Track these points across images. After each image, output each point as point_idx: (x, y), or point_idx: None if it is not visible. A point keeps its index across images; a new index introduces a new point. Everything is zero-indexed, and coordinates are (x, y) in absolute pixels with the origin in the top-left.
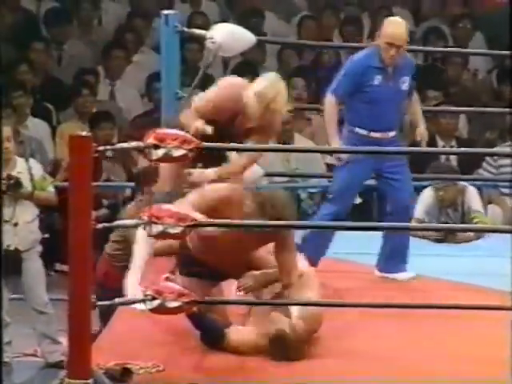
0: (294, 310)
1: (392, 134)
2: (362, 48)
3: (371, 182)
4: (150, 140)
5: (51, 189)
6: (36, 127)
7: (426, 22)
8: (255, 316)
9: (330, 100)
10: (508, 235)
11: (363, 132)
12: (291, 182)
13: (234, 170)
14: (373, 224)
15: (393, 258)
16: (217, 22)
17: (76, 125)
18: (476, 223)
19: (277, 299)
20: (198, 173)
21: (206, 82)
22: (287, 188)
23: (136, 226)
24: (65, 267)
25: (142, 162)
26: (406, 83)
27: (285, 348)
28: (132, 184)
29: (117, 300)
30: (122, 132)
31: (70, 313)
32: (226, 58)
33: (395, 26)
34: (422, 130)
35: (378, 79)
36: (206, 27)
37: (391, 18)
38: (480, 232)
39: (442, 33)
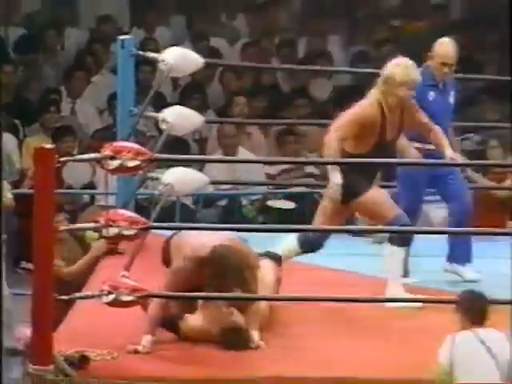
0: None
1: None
2: (297, 70)
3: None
4: (107, 152)
5: (9, 195)
6: (4, 141)
7: (354, 47)
8: (205, 308)
9: None
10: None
11: (420, 146)
12: (234, 190)
13: None
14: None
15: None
16: (168, 46)
17: (40, 138)
18: None
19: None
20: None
21: (157, 100)
22: (231, 195)
23: (94, 229)
24: (30, 265)
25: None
26: (452, 97)
27: (237, 339)
28: (91, 191)
29: (77, 294)
30: (82, 145)
31: (33, 306)
32: (175, 78)
33: (447, 47)
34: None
35: (431, 95)
36: (158, 51)
37: (442, 40)
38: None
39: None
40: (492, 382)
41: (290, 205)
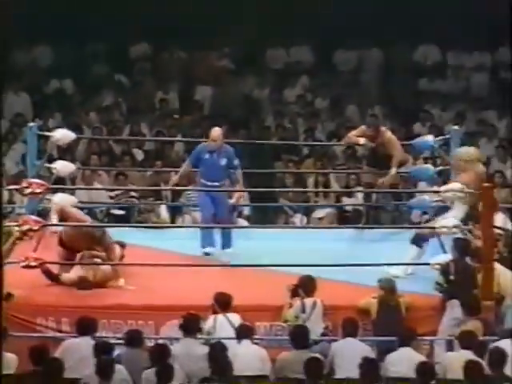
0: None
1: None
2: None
3: None
4: (24, 184)
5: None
6: None
7: None
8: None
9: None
10: None
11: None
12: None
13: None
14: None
15: None
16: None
17: None
18: None
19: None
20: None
21: (50, 159)
22: (90, 208)
23: (16, 226)
24: None
25: (18, 196)
26: (223, 160)
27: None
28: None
29: (7, 261)
30: (7, 181)
31: None
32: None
33: (213, 132)
34: None
35: (206, 156)
36: (50, 130)
37: (213, 129)
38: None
39: None
40: None
41: (121, 212)
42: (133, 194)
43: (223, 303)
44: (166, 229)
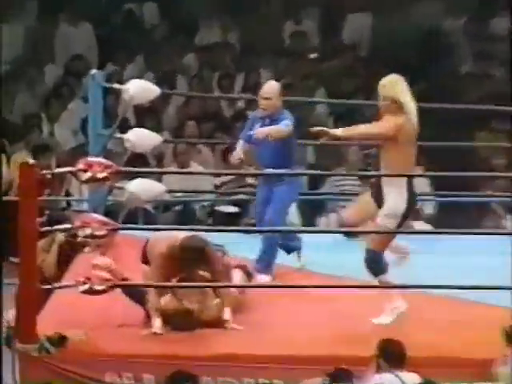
0: None
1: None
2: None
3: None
4: (80, 166)
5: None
6: None
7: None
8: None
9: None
10: None
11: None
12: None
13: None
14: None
15: None
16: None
17: (25, 155)
18: None
19: None
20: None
21: (122, 123)
22: (185, 201)
23: (70, 230)
24: (16, 259)
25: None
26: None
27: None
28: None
29: (56, 284)
30: (59, 160)
31: (20, 294)
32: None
33: (269, 87)
34: None
35: (256, 127)
36: (122, 83)
37: (269, 81)
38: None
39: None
40: None
41: (234, 209)
42: (250, 180)
43: (392, 355)
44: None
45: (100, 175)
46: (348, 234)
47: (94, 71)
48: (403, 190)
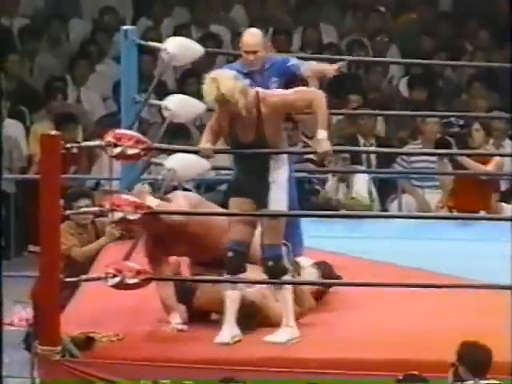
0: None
1: None
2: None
3: None
4: (109, 138)
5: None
6: (12, 127)
7: (348, 36)
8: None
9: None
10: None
11: None
12: None
13: None
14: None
15: None
16: (170, 36)
17: (46, 125)
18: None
19: None
20: None
21: (159, 88)
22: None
23: (99, 214)
24: (37, 248)
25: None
26: (274, 82)
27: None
28: (95, 176)
29: (83, 277)
30: (87, 131)
31: (41, 288)
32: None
33: (246, 36)
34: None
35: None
36: (161, 41)
37: (246, 30)
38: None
39: (364, 45)
40: None
41: None
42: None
43: (475, 362)
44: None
45: (130, 151)
46: None
47: (127, 27)
48: None
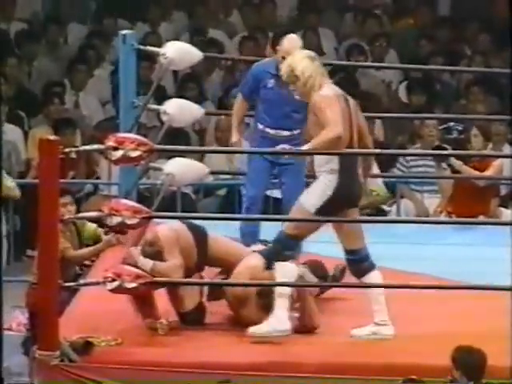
0: None
1: (286, 133)
2: None
3: None
4: (110, 143)
5: (9, 183)
6: (10, 132)
7: (347, 41)
8: None
9: (237, 98)
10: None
11: (261, 127)
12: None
13: None
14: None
15: None
16: (169, 41)
17: (45, 130)
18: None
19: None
20: None
21: (158, 93)
22: (230, 184)
23: (97, 219)
24: (36, 253)
25: (104, 164)
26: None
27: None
28: (94, 181)
29: (81, 281)
30: (85, 136)
31: (39, 293)
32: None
33: (287, 41)
34: None
35: (270, 83)
36: (159, 45)
37: (289, 36)
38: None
39: (363, 49)
40: None
41: None
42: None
43: (470, 367)
44: None
45: (133, 154)
46: None
47: (125, 31)
48: None
